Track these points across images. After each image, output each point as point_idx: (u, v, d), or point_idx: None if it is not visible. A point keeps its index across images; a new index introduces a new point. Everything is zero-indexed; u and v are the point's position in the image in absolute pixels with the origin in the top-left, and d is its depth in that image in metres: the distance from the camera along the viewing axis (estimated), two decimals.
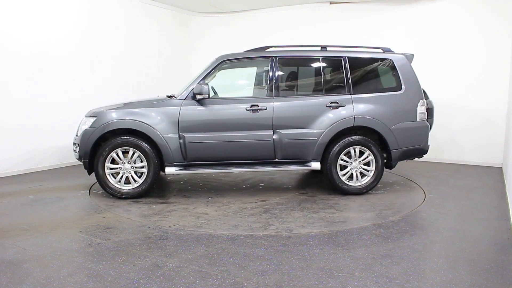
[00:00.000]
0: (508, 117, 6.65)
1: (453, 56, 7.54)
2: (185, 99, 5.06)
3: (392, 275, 2.97)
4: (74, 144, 5.18)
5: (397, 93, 5.20)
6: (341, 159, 5.17)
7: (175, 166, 5.06)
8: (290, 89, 5.51)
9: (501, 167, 7.11)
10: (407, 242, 3.64)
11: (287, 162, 5.19)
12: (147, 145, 4.99)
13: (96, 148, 5.02)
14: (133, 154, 5.01)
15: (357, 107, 5.12)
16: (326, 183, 5.79)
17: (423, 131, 5.28)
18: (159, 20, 8.96)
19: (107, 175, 5.02)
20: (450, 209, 4.69)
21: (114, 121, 4.97)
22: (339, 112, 5.10)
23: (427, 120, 5.36)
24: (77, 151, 5.08)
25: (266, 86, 5.26)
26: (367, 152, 5.16)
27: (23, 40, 6.49)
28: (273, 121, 5.05)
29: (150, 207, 4.78)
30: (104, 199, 5.12)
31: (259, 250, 3.43)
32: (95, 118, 5.02)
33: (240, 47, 5.77)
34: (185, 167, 5.10)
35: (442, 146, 7.68)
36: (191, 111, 5.02)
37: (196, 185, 5.92)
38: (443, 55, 7.60)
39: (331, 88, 5.28)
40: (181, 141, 5.00)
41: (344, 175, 5.20)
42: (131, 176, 5.06)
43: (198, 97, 4.99)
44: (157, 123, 4.96)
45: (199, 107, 5.03)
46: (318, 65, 5.35)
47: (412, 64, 5.37)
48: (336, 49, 5.41)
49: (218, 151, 5.06)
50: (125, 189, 5.07)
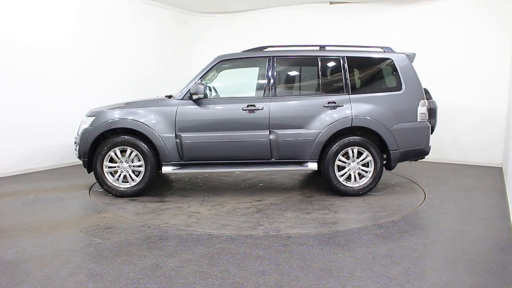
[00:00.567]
0: (508, 117, 6.65)
1: (453, 56, 7.55)
2: (182, 99, 5.10)
3: (392, 275, 2.97)
4: (75, 143, 5.26)
5: (397, 93, 5.15)
6: (339, 160, 5.13)
7: (172, 165, 5.08)
8: (287, 89, 5.50)
9: (501, 167, 7.11)
10: (407, 242, 3.64)
11: (284, 162, 5.17)
12: (144, 145, 5.03)
13: (96, 147, 5.10)
14: (131, 153, 5.07)
15: (355, 107, 5.08)
16: (327, 185, 5.78)
17: (423, 132, 5.20)
18: (159, 20, 8.96)
19: (105, 174, 5.09)
20: (450, 209, 4.69)
21: (112, 120, 5.03)
22: (336, 112, 5.07)
23: (429, 121, 5.29)
24: (77, 150, 5.16)
25: (263, 86, 5.24)
26: (365, 153, 5.11)
27: (23, 40, 6.49)
28: (269, 121, 5.05)
29: (145, 206, 4.82)
30: (103, 197, 5.14)
31: (259, 250, 3.43)
32: (94, 118, 5.11)
33: (240, 47, 5.77)
34: (182, 166, 5.13)
35: (442, 146, 7.67)
36: (187, 111, 5.05)
37: (195, 185, 5.92)
38: (443, 55, 7.60)
39: (329, 88, 5.26)
40: (177, 140, 5.02)
41: (342, 175, 5.16)
42: (129, 175, 5.11)
43: (194, 97, 5.02)
44: (155, 122, 5.01)
45: (196, 107, 5.06)
46: (316, 65, 5.30)
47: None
48: (335, 48, 5.38)
49: (215, 151, 5.07)
50: (122, 188, 5.13)
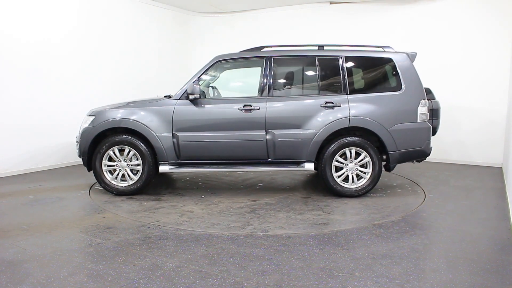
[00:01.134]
0: (508, 117, 6.65)
1: (453, 56, 7.54)
2: (179, 99, 5.13)
3: (392, 275, 2.97)
4: (76, 142, 5.34)
5: (396, 93, 5.09)
6: (336, 160, 5.07)
7: (169, 164, 5.11)
8: (285, 89, 5.48)
9: (501, 167, 7.11)
10: (407, 242, 3.64)
11: (280, 162, 5.16)
12: (142, 144, 5.08)
13: (95, 145, 5.16)
14: (129, 152, 5.12)
15: (353, 107, 5.03)
16: (325, 186, 5.78)
17: (424, 132, 5.10)
18: (159, 20, 8.95)
19: (104, 172, 5.17)
20: (450, 209, 4.69)
21: (111, 119, 5.09)
22: (334, 113, 5.03)
23: (431, 121, 5.22)
24: (78, 149, 5.24)
25: (260, 86, 5.22)
26: (363, 154, 5.05)
27: (23, 40, 6.49)
28: (265, 121, 5.04)
29: (141, 204, 4.85)
30: (102, 196, 5.16)
31: (259, 250, 3.43)
32: (93, 117, 5.18)
33: (240, 47, 5.76)
34: (179, 165, 5.15)
35: (442, 146, 7.67)
36: (184, 110, 5.08)
37: (195, 184, 5.93)
38: (443, 55, 7.60)
39: (327, 88, 5.23)
40: (174, 140, 5.05)
41: (339, 176, 5.11)
42: (127, 173, 5.17)
43: (191, 97, 5.05)
44: (152, 122, 5.06)
45: (193, 107, 5.09)
46: (313, 64, 5.26)
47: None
48: (333, 48, 5.34)
49: (211, 150, 5.08)
50: (120, 186, 5.18)
